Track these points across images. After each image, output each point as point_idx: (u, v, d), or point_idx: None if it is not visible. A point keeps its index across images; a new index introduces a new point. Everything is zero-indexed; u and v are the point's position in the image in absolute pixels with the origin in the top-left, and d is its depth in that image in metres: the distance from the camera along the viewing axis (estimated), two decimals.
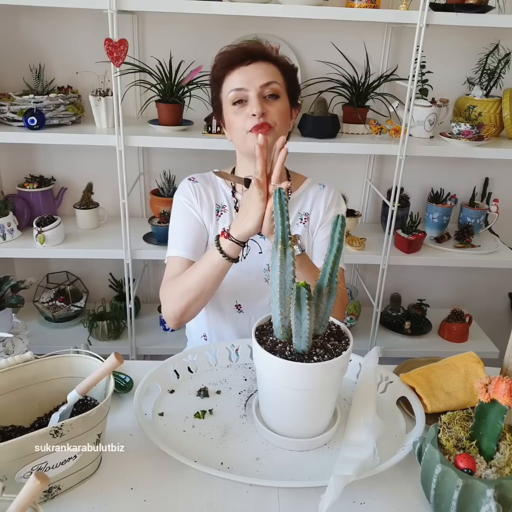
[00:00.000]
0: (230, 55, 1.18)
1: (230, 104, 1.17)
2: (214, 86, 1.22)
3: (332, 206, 1.32)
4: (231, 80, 1.17)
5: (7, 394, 0.87)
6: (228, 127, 1.22)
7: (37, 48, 1.91)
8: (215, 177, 1.32)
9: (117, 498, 0.82)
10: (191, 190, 1.29)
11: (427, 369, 1.09)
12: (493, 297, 2.45)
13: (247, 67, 1.15)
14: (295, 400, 0.89)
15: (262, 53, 1.17)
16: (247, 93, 1.15)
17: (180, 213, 1.28)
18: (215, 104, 1.25)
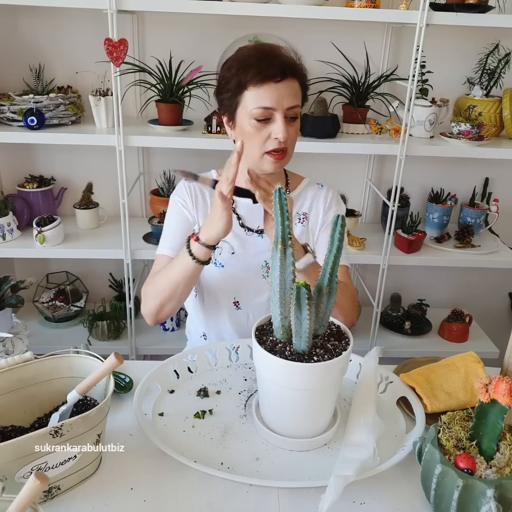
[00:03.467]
0: (258, 63, 1.10)
1: (251, 118, 1.12)
2: (233, 89, 1.14)
3: (331, 205, 1.32)
4: (259, 96, 1.10)
5: (7, 394, 0.87)
6: (240, 134, 1.16)
7: (37, 48, 1.91)
8: (211, 177, 1.31)
9: (117, 498, 0.82)
10: (186, 191, 1.28)
11: (427, 369, 1.08)
12: (493, 297, 2.45)
13: (277, 84, 1.10)
14: (295, 400, 0.89)
15: (292, 69, 1.12)
16: (274, 112, 1.11)
17: (173, 213, 1.29)
18: (225, 103, 1.18)
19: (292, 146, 1.17)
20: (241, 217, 1.29)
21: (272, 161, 1.15)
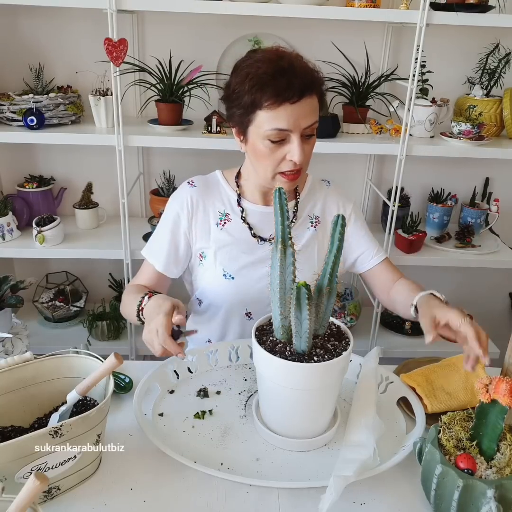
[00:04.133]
0: (275, 83, 1.02)
1: (265, 139, 1.06)
2: (245, 107, 1.06)
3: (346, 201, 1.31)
4: (274, 117, 1.04)
5: (7, 394, 0.87)
6: (252, 152, 1.11)
7: (37, 47, 1.91)
8: (217, 180, 1.27)
9: (117, 498, 0.82)
10: (186, 200, 1.23)
11: (428, 369, 1.08)
12: (493, 297, 2.45)
13: (294, 105, 1.03)
14: (295, 400, 0.88)
15: (311, 86, 1.05)
16: (290, 133, 1.05)
17: (168, 220, 1.25)
18: (236, 118, 1.11)
19: (307, 163, 1.13)
20: (252, 226, 1.24)
21: (285, 181, 1.12)
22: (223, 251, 1.23)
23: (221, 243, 1.23)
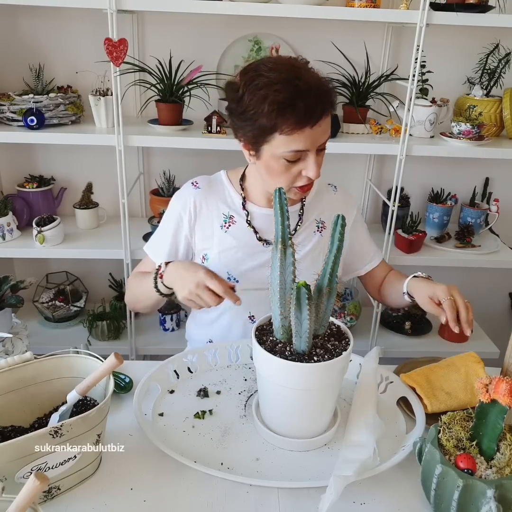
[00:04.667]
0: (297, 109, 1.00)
1: (281, 158, 1.06)
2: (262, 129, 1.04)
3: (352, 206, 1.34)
4: (293, 141, 1.03)
5: (7, 394, 0.87)
6: (265, 169, 1.11)
7: (37, 48, 1.91)
8: (222, 181, 1.27)
9: (117, 498, 0.82)
10: (188, 202, 1.22)
11: (428, 369, 1.08)
12: (493, 297, 2.45)
13: (313, 128, 1.02)
14: (295, 400, 0.88)
15: (328, 106, 1.05)
16: (307, 152, 1.06)
17: (170, 219, 1.25)
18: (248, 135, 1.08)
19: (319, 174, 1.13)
20: (258, 230, 1.23)
21: (298, 193, 1.14)
22: (227, 253, 1.22)
23: (226, 245, 1.22)
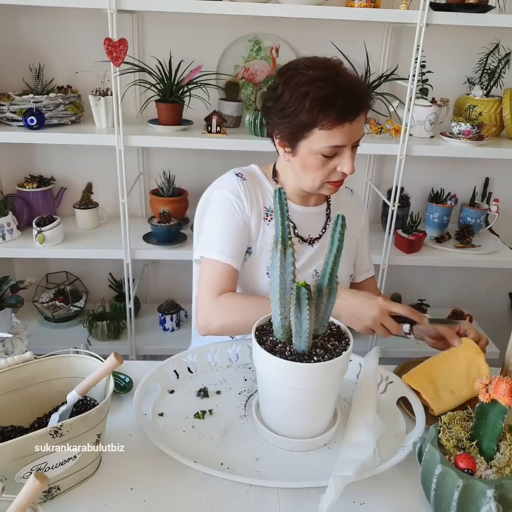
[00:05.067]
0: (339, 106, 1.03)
1: (318, 153, 1.09)
2: (302, 124, 1.07)
3: (363, 212, 1.39)
4: (331, 136, 1.06)
5: (7, 394, 0.86)
6: (301, 164, 1.13)
7: (37, 48, 1.91)
8: (258, 175, 1.26)
9: (117, 498, 0.82)
10: (241, 189, 1.21)
11: (429, 365, 1.07)
12: (493, 297, 2.45)
13: (351, 124, 1.06)
14: (295, 400, 0.88)
15: (366, 103, 1.09)
16: (343, 148, 1.09)
17: (229, 213, 1.20)
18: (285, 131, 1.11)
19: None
20: (296, 226, 1.25)
21: (332, 188, 1.16)
22: (268, 248, 1.22)
23: (268, 239, 1.23)
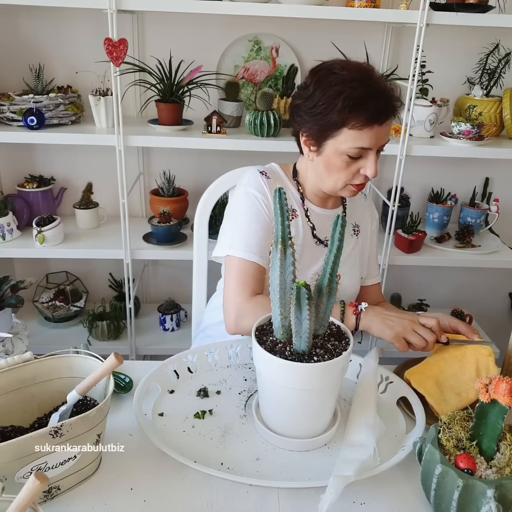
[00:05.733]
0: (371, 107, 1.05)
1: (343, 154, 1.10)
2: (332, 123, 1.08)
3: (374, 217, 1.40)
4: (359, 137, 1.07)
5: (7, 394, 0.86)
6: (325, 164, 1.14)
7: (37, 48, 1.91)
8: (279, 174, 1.27)
9: (117, 498, 0.82)
10: (266, 188, 1.20)
11: (437, 368, 1.05)
12: (493, 297, 2.45)
13: (380, 127, 1.08)
14: (295, 400, 0.88)
15: (396, 108, 1.11)
16: (368, 151, 1.10)
17: (254, 211, 1.19)
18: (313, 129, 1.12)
19: None
20: (315, 227, 1.26)
21: (354, 190, 1.16)
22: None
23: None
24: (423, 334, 1.04)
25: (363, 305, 1.10)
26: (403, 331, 1.05)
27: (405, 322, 1.06)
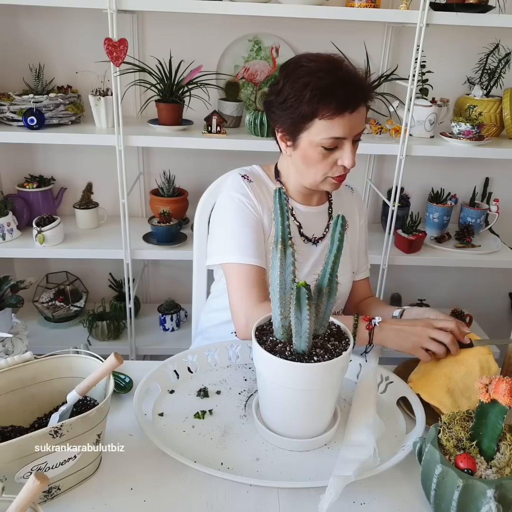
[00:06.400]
0: (338, 95, 1.05)
1: (318, 146, 1.09)
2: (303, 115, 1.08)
3: (363, 211, 1.39)
4: (332, 127, 1.07)
5: (7, 394, 0.86)
6: (302, 158, 1.14)
7: (37, 48, 1.91)
8: (261, 175, 1.27)
9: (117, 498, 0.82)
10: (249, 190, 1.21)
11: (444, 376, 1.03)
12: (493, 297, 2.45)
13: (351, 115, 1.07)
14: (295, 400, 0.88)
15: (367, 95, 1.10)
16: (343, 140, 1.09)
17: (241, 214, 1.19)
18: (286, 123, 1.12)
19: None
20: (302, 226, 1.25)
21: (334, 183, 1.16)
22: None
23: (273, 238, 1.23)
24: (438, 338, 1.02)
25: (376, 319, 1.07)
26: (419, 340, 1.03)
27: (418, 330, 1.03)
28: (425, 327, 1.04)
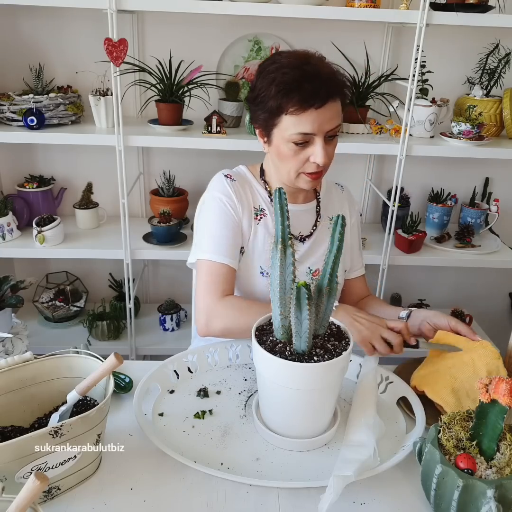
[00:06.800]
0: (301, 89, 1.04)
1: (289, 141, 1.09)
2: (271, 110, 1.09)
3: (354, 209, 1.38)
4: (299, 122, 1.06)
5: (7, 394, 0.87)
6: (276, 154, 1.14)
7: (37, 48, 1.91)
8: (246, 175, 1.27)
9: (117, 498, 0.82)
10: (231, 190, 1.21)
11: (450, 376, 1.03)
12: (493, 297, 2.45)
13: (318, 110, 1.05)
14: (295, 400, 0.88)
15: (335, 91, 1.07)
16: (314, 137, 1.08)
17: (221, 214, 1.20)
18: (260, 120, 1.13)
19: (330, 163, 1.15)
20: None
21: (308, 180, 1.15)
22: (260, 247, 1.23)
23: (259, 238, 1.23)
24: (388, 338, 1.05)
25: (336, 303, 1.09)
26: (370, 336, 1.05)
27: (373, 327, 1.06)
28: (379, 326, 1.06)
